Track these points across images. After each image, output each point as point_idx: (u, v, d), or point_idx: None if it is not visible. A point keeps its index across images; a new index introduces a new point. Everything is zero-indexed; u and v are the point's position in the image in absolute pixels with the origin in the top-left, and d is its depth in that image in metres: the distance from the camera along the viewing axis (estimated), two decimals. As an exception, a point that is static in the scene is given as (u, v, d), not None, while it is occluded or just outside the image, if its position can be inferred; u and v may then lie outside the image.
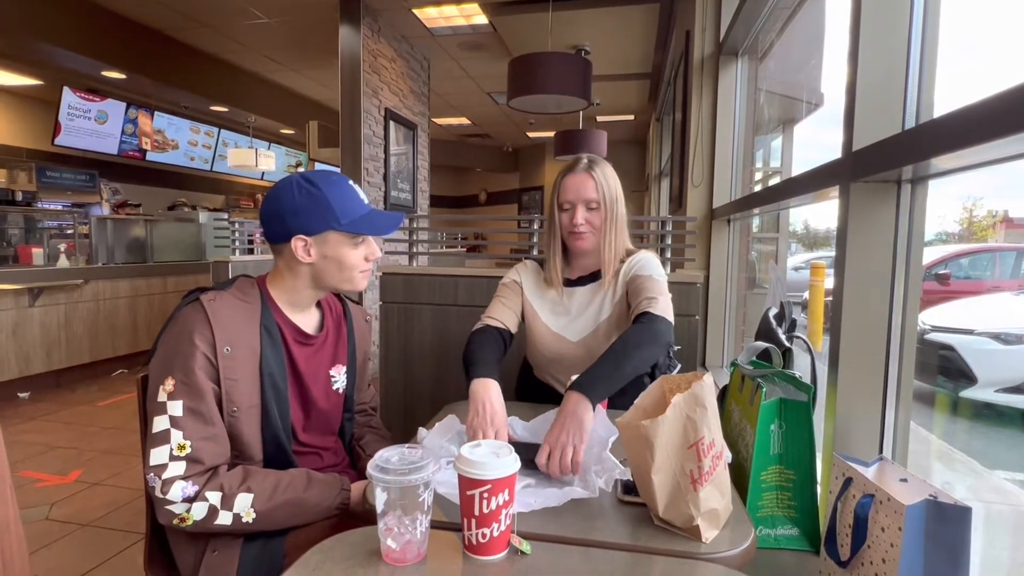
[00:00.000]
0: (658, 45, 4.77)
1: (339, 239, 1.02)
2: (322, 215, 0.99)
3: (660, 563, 0.72)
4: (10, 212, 4.80)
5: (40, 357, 3.97)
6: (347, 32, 4.14)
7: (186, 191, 7.73)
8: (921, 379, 1.81)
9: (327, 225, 1.00)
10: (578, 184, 1.30)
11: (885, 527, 0.74)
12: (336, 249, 1.02)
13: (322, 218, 1.00)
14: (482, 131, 8.91)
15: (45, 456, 2.88)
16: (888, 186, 0.92)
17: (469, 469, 0.70)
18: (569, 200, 1.31)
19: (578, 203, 1.30)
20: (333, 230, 1.00)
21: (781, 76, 2.43)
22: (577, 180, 1.30)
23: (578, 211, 1.29)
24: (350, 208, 1.01)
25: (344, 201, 1.01)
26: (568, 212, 1.31)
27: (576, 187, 1.30)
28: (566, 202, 1.31)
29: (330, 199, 1.00)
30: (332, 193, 1.00)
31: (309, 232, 1.00)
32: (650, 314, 1.16)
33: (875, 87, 0.92)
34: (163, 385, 0.92)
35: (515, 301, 1.40)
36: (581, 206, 1.29)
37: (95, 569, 1.93)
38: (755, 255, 2.62)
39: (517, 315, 1.40)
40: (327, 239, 1.01)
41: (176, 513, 0.89)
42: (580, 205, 1.29)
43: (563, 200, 1.32)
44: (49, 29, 4.09)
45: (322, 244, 1.02)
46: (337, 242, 1.02)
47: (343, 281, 1.06)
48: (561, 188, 1.33)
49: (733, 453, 1.07)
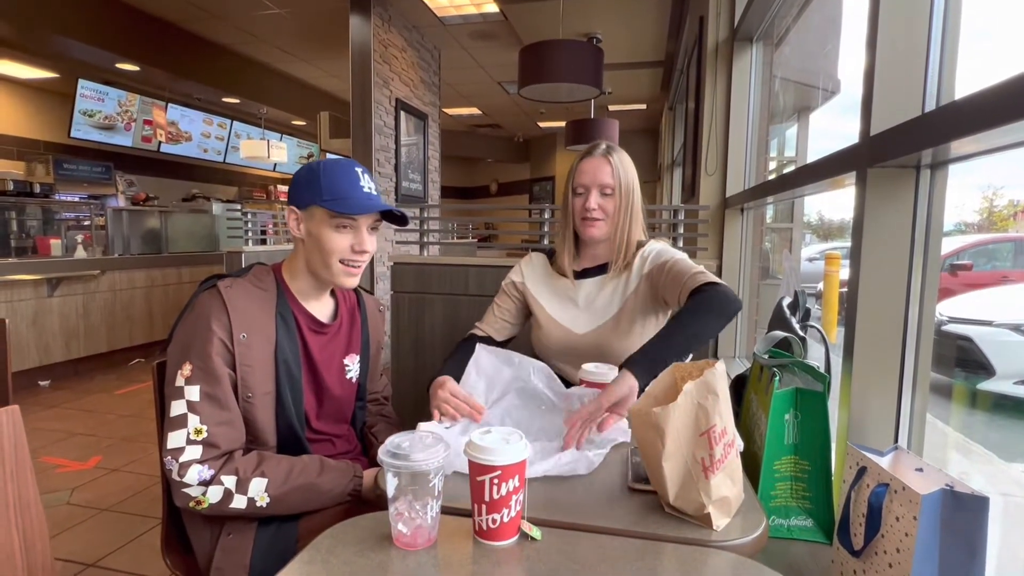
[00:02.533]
0: (671, 32, 4.70)
1: (322, 216, 1.01)
2: (311, 189, 1.01)
3: (670, 550, 0.72)
4: (29, 204, 4.87)
5: (59, 346, 4.05)
6: (358, 22, 4.13)
7: (199, 182, 7.79)
8: (938, 371, 1.79)
9: (312, 199, 1.01)
10: (594, 168, 1.27)
11: (900, 516, 0.73)
12: (319, 228, 1.02)
13: (310, 192, 1.01)
14: (493, 121, 8.87)
15: (66, 443, 2.95)
16: (906, 171, 0.90)
17: (479, 455, 0.70)
18: (584, 184, 1.27)
19: (592, 187, 1.26)
20: (316, 205, 1.01)
21: (797, 62, 2.38)
22: (593, 164, 1.27)
23: (592, 195, 1.26)
24: (339, 188, 1.01)
25: (335, 180, 1.01)
26: (582, 196, 1.28)
27: (592, 171, 1.27)
28: (580, 186, 1.28)
29: (322, 176, 1.01)
30: (328, 171, 1.02)
31: (299, 205, 1.03)
32: (712, 283, 1.10)
33: (894, 70, 0.90)
34: (181, 370, 0.93)
35: (509, 307, 1.39)
36: (595, 191, 1.26)
37: (114, 552, 1.97)
38: (768, 245, 2.59)
39: (510, 321, 1.39)
40: (313, 214, 1.02)
41: (192, 496, 0.91)
42: (595, 189, 1.26)
43: (577, 184, 1.28)
44: (64, 22, 4.12)
45: (308, 219, 1.03)
46: (320, 220, 1.02)
47: (324, 267, 1.04)
48: (577, 172, 1.30)
49: (749, 442, 1.07)
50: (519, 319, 1.41)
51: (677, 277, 1.18)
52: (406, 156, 4.72)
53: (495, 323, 1.39)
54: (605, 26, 4.71)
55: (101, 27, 4.38)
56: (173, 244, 5.23)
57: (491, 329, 1.38)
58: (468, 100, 7.51)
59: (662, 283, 1.23)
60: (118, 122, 5.81)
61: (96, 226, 4.78)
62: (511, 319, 1.40)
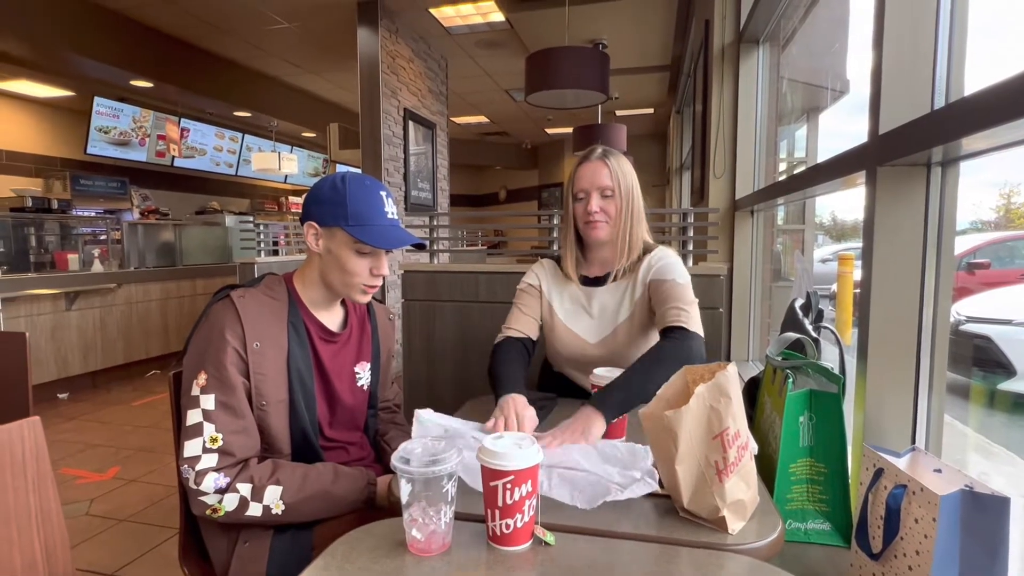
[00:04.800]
0: (677, 36, 4.71)
1: (345, 239, 1.02)
2: (335, 211, 1.01)
3: (686, 554, 0.71)
4: (47, 220, 4.96)
5: (77, 359, 4.11)
6: (365, 34, 4.18)
7: (213, 195, 7.89)
8: (956, 371, 1.76)
9: (336, 221, 1.01)
10: (592, 172, 1.29)
11: (919, 518, 0.72)
12: (340, 249, 1.03)
13: (334, 213, 1.01)
14: (500, 129, 8.91)
15: (84, 454, 2.99)
16: (917, 170, 0.90)
17: (492, 460, 0.70)
18: (583, 188, 1.29)
19: (592, 191, 1.28)
20: (340, 228, 1.01)
21: (805, 63, 2.37)
22: (591, 168, 1.29)
23: (592, 199, 1.27)
24: (365, 214, 1.01)
25: (362, 205, 1.01)
26: (582, 201, 1.30)
27: (590, 175, 1.29)
28: (580, 191, 1.30)
29: (348, 199, 1.01)
30: (354, 194, 1.01)
31: (321, 223, 1.03)
32: (684, 330, 1.15)
33: (902, 67, 0.90)
34: (196, 379, 0.94)
35: (534, 306, 1.38)
36: (595, 194, 1.28)
37: (133, 562, 1.99)
38: (780, 247, 2.57)
39: (537, 320, 1.39)
40: (334, 235, 1.03)
41: (209, 504, 0.92)
42: (594, 193, 1.28)
43: (577, 189, 1.30)
44: (80, 41, 4.21)
45: (329, 238, 1.03)
46: (343, 242, 1.02)
47: (343, 285, 1.05)
48: (575, 177, 1.32)
49: (764, 445, 1.06)
50: (540, 319, 1.41)
51: (661, 301, 1.24)
52: (415, 165, 4.75)
53: (526, 322, 1.36)
54: (611, 31, 4.73)
55: (115, 46, 4.47)
56: (187, 256, 5.30)
57: (525, 328, 1.35)
58: (476, 108, 7.55)
59: (654, 299, 1.27)
60: (133, 138, 5.91)
61: (112, 240, 4.86)
62: (539, 317, 1.39)
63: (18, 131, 5.75)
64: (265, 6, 4.23)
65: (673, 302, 1.20)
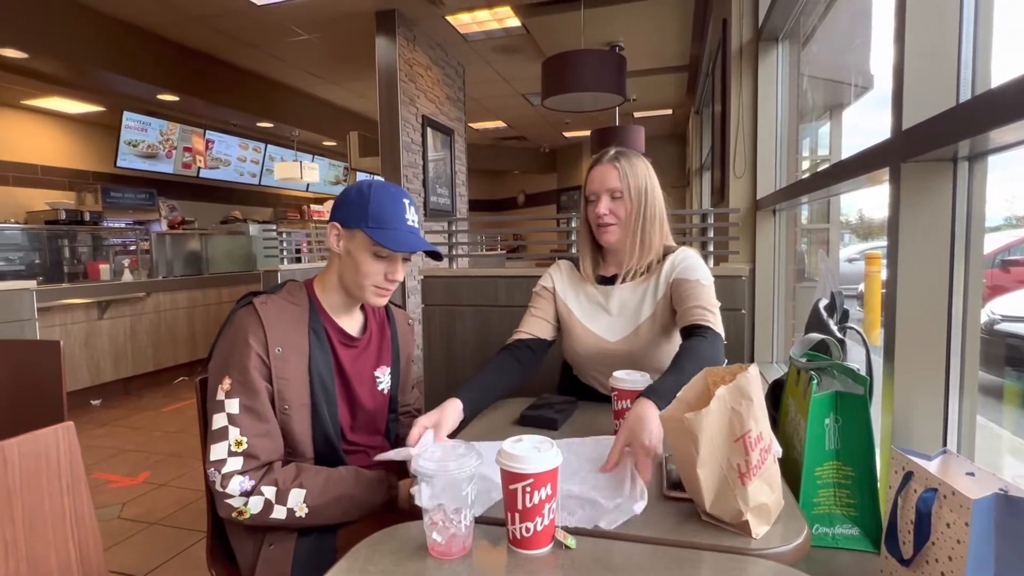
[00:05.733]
0: (694, 36, 4.67)
1: (364, 241, 1.04)
2: (358, 212, 1.03)
3: (708, 559, 0.70)
4: (80, 231, 5.13)
5: (109, 366, 4.23)
6: (383, 43, 4.24)
7: (237, 205, 8.06)
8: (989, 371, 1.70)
9: (358, 223, 1.03)
10: (601, 174, 1.29)
11: (951, 523, 0.70)
12: (358, 250, 1.05)
13: (357, 215, 1.04)
14: (518, 133, 8.93)
15: (116, 459, 3.07)
16: (943, 165, 0.88)
17: (511, 463, 0.70)
18: (594, 191, 1.30)
19: (602, 193, 1.29)
20: (361, 229, 1.03)
21: (826, 59, 2.33)
22: (601, 171, 1.30)
23: (602, 201, 1.28)
24: (386, 218, 1.03)
25: (383, 210, 1.03)
26: (594, 204, 1.30)
27: (600, 177, 1.29)
28: (591, 193, 1.31)
29: (372, 202, 1.03)
30: (377, 198, 1.04)
31: (344, 224, 1.05)
32: (711, 330, 1.14)
33: (925, 61, 0.88)
34: (221, 384, 0.97)
35: (547, 309, 1.39)
36: (605, 196, 1.28)
37: (163, 565, 2.03)
38: (804, 246, 2.53)
39: (549, 321, 1.39)
40: (355, 236, 1.05)
41: (235, 507, 0.93)
42: (604, 195, 1.28)
43: (589, 192, 1.32)
44: (110, 58, 4.35)
45: (350, 239, 1.06)
46: (362, 243, 1.04)
47: (357, 287, 1.07)
48: (587, 180, 1.33)
49: (789, 448, 1.04)
50: (557, 321, 1.41)
51: (683, 300, 1.22)
52: (433, 171, 4.79)
53: (536, 323, 1.37)
54: (627, 33, 4.71)
55: (144, 61, 4.61)
56: (213, 265, 5.42)
57: (534, 330, 1.36)
58: (493, 113, 7.59)
59: (677, 298, 1.25)
60: (160, 150, 6.07)
61: (141, 250, 5.00)
62: (551, 319, 1.39)
63: (52, 146, 5.96)
64: (286, 19, 4.32)
65: (697, 301, 1.19)
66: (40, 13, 3.86)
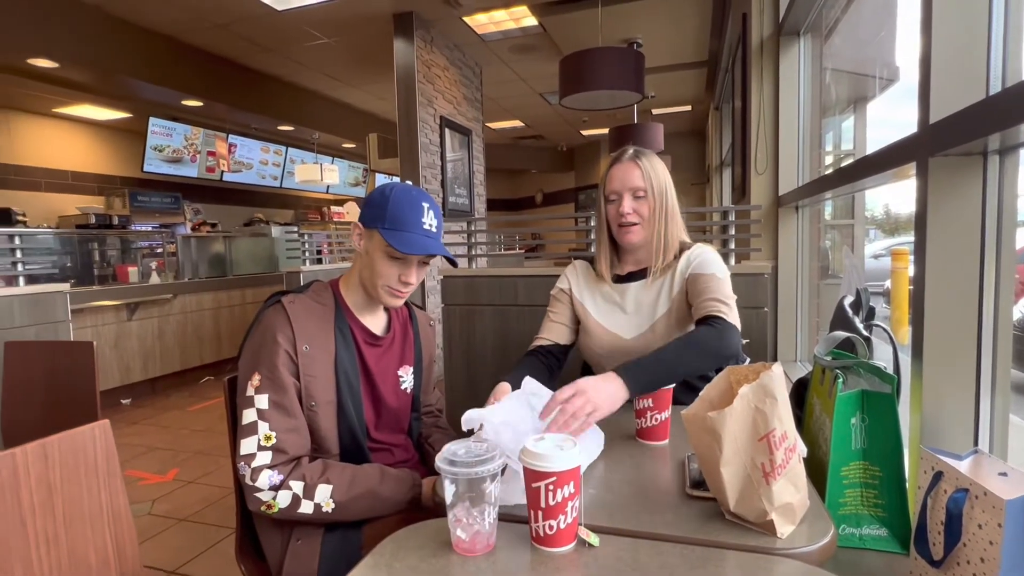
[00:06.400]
0: (713, 31, 4.62)
1: (380, 242, 1.05)
2: (378, 213, 1.06)
3: (733, 558, 0.70)
4: (109, 235, 5.27)
5: (138, 366, 4.34)
6: (401, 45, 4.27)
7: (259, 208, 8.20)
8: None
9: (376, 223, 1.05)
10: (623, 173, 1.28)
11: (983, 524, 0.69)
12: (375, 250, 1.07)
13: (376, 216, 1.06)
14: (536, 132, 8.93)
15: (146, 456, 3.15)
16: (972, 159, 0.86)
17: (534, 462, 0.71)
18: (615, 190, 1.29)
19: (624, 192, 1.28)
20: (377, 230, 1.05)
21: (849, 52, 2.29)
22: (622, 169, 1.29)
23: (625, 200, 1.27)
24: (402, 220, 1.04)
25: (401, 212, 1.05)
26: (615, 203, 1.30)
27: (621, 176, 1.29)
28: (612, 192, 1.30)
29: (390, 204, 1.05)
30: (396, 200, 1.05)
31: (365, 224, 1.08)
32: (723, 320, 1.13)
33: (953, 52, 0.86)
34: (250, 380, 0.99)
35: (564, 312, 1.40)
36: (627, 195, 1.28)
37: (195, 559, 2.08)
38: (828, 243, 2.49)
39: (567, 324, 1.39)
40: (373, 236, 1.07)
41: (263, 500, 0.96)
42: (626, 194, 1.28)
43: (609, 191, 1.30)
44: (136, 66, 4.47)
45: (369, 239, 1.08)
46: (378, 244, 1.06)
47: (372, 286, 1.09)
48: (607, 179, 1.32)
49: (814, 448, 1.03)
50: (575, 323, 1.41)
51: (698, 294, 1.22)
52: (452, 172, 4.82)
53: (555, 329, 1.38)
54: (645, 30, 4.68)
55: (168, 68, 4.72)
56: (237, 267, 5.52)
57: (553, 335, 1.37)
58: (510, 113, 7.59)
59: (692, 292, 1.25)
60: (185, 155, 6.20)
61: (168, 253, 5.12)
62: (569, 323, 1.40)
63: (82, 153, 6.14)
64: (306, 23, 4.38)
65: (712, 294, 1.19)
66: (69, 24, 3.98)
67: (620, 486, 0.90)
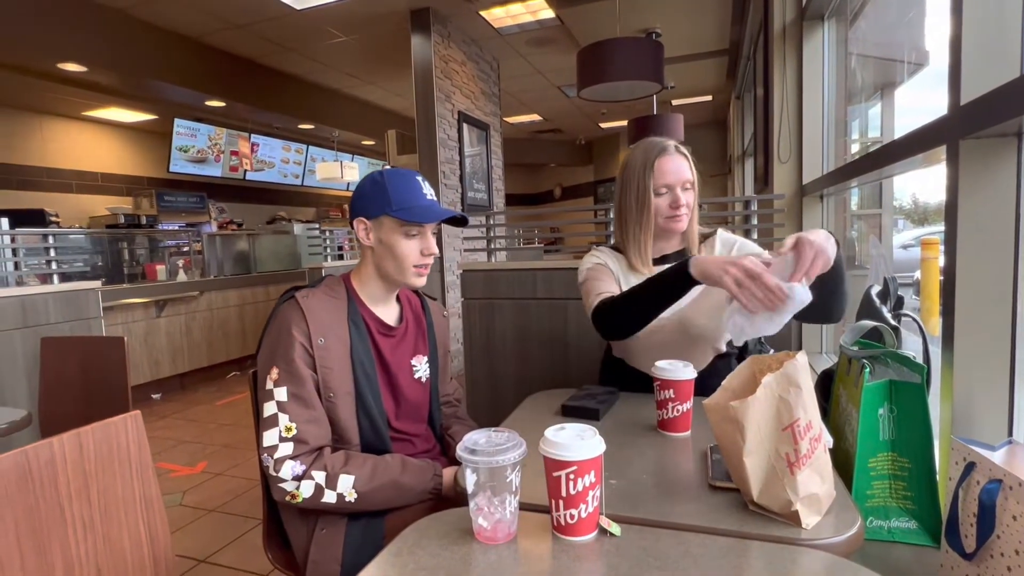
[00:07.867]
0: (734, 18, 4.54)
1: (392, 225, 1.07)
2: (379, 200, 1.07)
3: (757, 548, 0.69)
4: (137, 234, 5.40)
5: (167, 362, 4.45)
6: (418, 41, 4.29)
7: (281, 206, 8.33)
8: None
9: (382, 210, 1.07)
10: (676, 167, 1.29)
11: (1017, 515, 0.67)
12: (390, 235, 1.08)
13: (379, 203, 1.07)
14: (554, 126, 8.89)
15: (176, 449, 3.23)
16: (1006, 141, 0.83)
17: (554, 451, 0.71)
18: (668, 184, 1.29)
19: (677, 186, 1.29)
20: (387, 215, 1.07)
21: (876, 36, 2.23)
22: (675, 163, 1.29)
23: (680, 194, 1.29)
24: (406, 197, 1.07)
25: (402, 191, 1.07)
26: (666, 196, 1.30)
27: (675, 170, 1.29)
28: (664, 186, 1.29)
29: (389, 187, 1.07)
30: (393, 183, 1.08)
31: (368, 215, 1.09)
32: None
33: (985, 31, 0.83)
34: (269, 374, 1.01)
35: (610, 280, 1.34)
36: (679, 188, 1.29)
37: (224, 548, 2.14)
38: (855, 233, 2.43)
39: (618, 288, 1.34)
40: (382, 224, 1.08)
41: (287, 490, 0.98)
42: (679, 187, 1.29)
43: (661, 184, 1.29)
44: (160, 68, 4.56)
45: (378, 228, 1.09)
46: (391, 228, 1.08)
47: (398, 271, 1.11)
48: (656, 172, 1.29)
49: (840, 439, 1.01)
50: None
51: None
52: (470, 167, 4.82)
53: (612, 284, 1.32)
54: (664, 19, 4.62)
55: (192, 70, 4.81)
56: (261, 264, 5.61)
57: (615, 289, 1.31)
58: (528, 107, 7.57)
59: None
60: (209, 155, 6.32)
61: (194, 251, 5.23)
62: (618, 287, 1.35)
63: (111, 155, 6.30)
64: (324, 22, 4.42)
65: None
66: (96, 28, 4.08)
67: (642, 477, 0.89)
